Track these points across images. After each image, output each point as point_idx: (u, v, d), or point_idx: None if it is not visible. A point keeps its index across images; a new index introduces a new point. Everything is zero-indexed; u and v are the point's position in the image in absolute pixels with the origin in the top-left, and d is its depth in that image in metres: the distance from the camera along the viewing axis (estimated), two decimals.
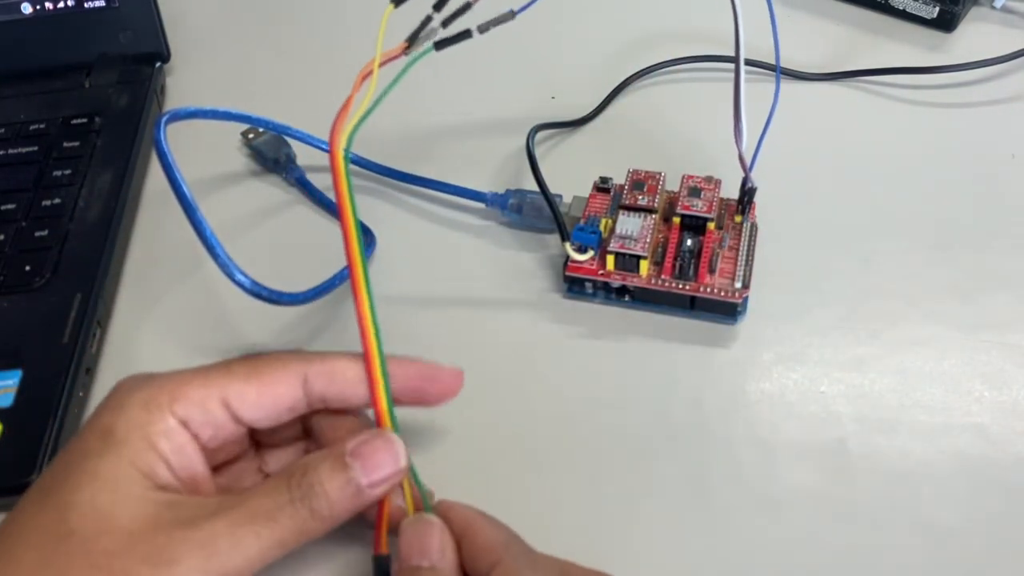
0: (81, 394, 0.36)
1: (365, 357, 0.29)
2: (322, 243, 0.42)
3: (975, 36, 0.52)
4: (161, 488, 0.26)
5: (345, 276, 0.39)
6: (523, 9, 0.31)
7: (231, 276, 0.33)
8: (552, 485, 0.33)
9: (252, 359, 0.29)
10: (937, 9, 0.52)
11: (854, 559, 0.30)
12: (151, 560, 0.24)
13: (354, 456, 0.27)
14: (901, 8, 0.54)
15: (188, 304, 0.41)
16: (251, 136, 0.47)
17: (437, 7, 0.30)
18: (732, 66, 0.49)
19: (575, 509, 0.32)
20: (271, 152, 0.46)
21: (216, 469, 0.29)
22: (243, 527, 0.25)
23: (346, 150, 0.28)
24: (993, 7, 0.54)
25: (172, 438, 0.27)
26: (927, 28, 0.53)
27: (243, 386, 0.28)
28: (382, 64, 0.29)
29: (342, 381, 0.29)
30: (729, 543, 0.31)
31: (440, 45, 0.30)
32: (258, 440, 0.31)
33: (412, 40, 0.30)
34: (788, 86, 0.50)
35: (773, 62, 0.50)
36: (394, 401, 0.29)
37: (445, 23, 0.30)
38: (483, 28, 0.30)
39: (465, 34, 0.30)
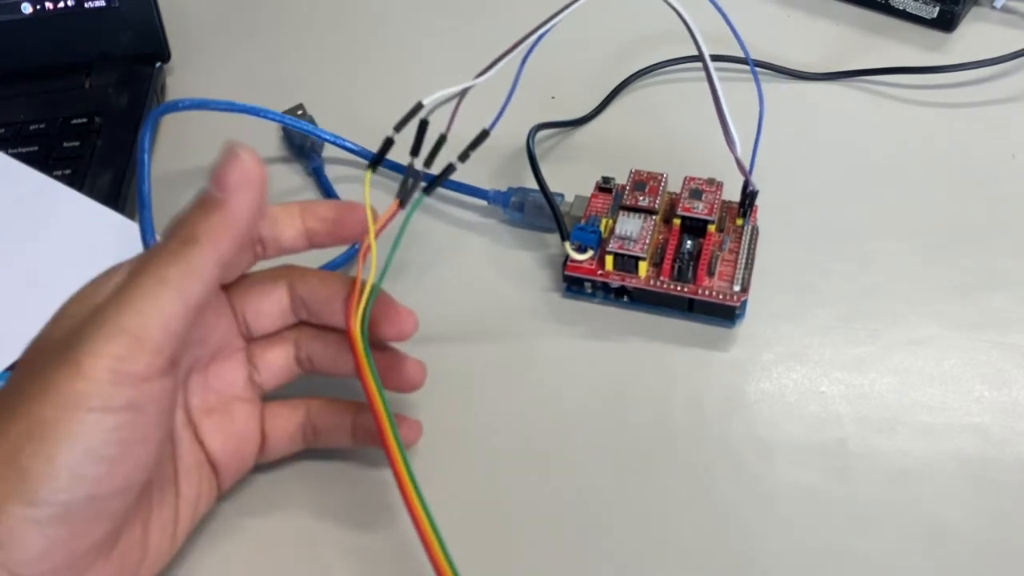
0: None
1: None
2: None
3: (975, 36, 0.52)
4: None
5: None
6: (494, 124, 0.32)
7: None
8: (550, 484, 0.33)
9: (245, 277, 0.31)
10: (937, 9, 0.52)
11: (854, 558, 0.30)
12: (66, 343, 0.24)
13: (208, 179, 0.27)
14: (901, 8, 0.54)
15: None
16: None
17: (414, 152, 0.31)
18: (733, 66, 0.49)
19: (574, 509, 0.32)
20: (298, 138, 0.47)
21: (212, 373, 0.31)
22: (124, 284, 0.25)
23: (363, 332, 0.29)
24: (993, 7, 0.54)
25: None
26: (927, 28, 0.53)
27: (251, 295, 0.31)
28: (382, 229, 0.30)
29: (319, 289, 0.31)
30: (729, 543, 0.31)
31: (429, 189, 0.31)
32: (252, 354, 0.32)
33: (403, 195, 0.31)
34: (788, 86, 0.50)
35: (772, 62, 0.51)
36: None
37: (427, 163, 0.31)
38: (463, 156, 0.31)
39: (449, 169, 0.31)
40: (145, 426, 0.25)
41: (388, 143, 0.31)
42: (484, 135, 0.32)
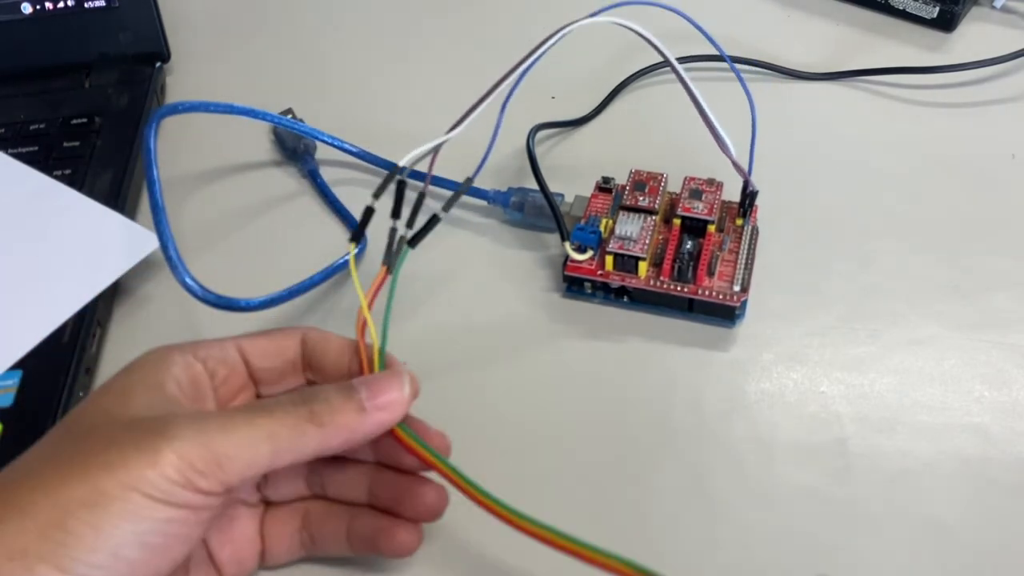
0: (81, 394, 0.36)
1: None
2: (316, 240, 0.43)
3: (975, 36, 0.52)
4: (168, 398, 0.27)
5: (308, 285, 0.38)
6: (477, 173, 0.32)
7: (182, 281, 0.35)
8: (550, 484, 0.33)
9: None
10: (937, 9, 0.52)
11: (854, 558, 0.30)
12: (151, 429, 0.25)
13: (360, 382, 0.28)
14: (901, 8, 0.54)
15: (188, 303, 0.40)
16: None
17: (395, 214, 0.31)
18: (734, 65, 0.49)
19: (574, 509, 0.32)
20: (291, 141, 0.47)
21: None
22: (238, 414, 0.26)
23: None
24: (993, 7, 0.54)
25: (187, 368, 0.29)
26: (927, 28, 0.53)
27: (255, 338, 0.31)
28: (374, 298, 0.30)
29: (329, 347, 0.31)
30: (729, 543, 0.31)
31: (414, 242, 0.32)
32: None
33: (389, 259, 0.31)
34: (788, 86, 0.50)
35: (772, 62, 0.51)
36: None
37: (410, 223, 0.31)
38: (447, 207, 0.32)
39: (434, 220, 0.32)
40: (191, 527, 0.26)
41: (369, 212, 0.31)
42: (468, 182, 0.33)
